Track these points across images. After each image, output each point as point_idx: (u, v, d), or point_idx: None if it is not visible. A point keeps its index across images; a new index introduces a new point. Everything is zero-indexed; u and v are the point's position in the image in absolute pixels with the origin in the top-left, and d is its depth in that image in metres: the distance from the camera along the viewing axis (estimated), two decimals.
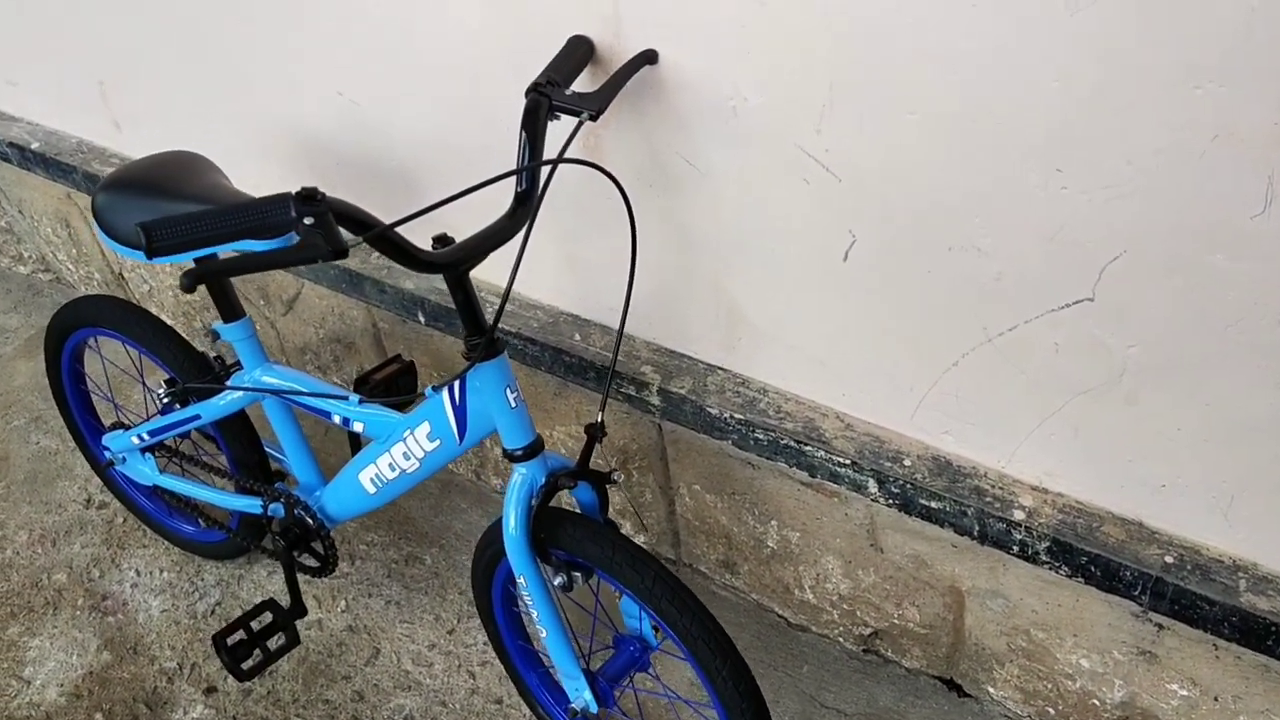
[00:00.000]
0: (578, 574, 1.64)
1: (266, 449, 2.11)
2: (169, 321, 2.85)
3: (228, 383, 1.94)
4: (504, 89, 1.79)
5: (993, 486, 1.68)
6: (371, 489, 1.86)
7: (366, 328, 2.39)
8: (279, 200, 1.27)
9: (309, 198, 1.27)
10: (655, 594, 1.56)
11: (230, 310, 1.88)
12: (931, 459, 1.73)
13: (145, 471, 2.19)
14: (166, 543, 2.43)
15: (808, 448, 1.79)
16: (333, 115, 2.10)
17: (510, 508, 1.62)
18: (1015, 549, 1.66)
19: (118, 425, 2.20)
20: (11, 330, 3.13)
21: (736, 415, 1.85)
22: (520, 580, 1.65)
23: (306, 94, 2.12)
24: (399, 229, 1.33)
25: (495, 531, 1.77)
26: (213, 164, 1.88)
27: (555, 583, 1.64)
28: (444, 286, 1.51)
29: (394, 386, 2.05)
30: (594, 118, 1.51)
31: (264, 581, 2.35)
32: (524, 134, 1.50)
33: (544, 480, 1.62)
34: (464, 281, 1.52)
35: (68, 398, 2.33)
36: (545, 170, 1.50)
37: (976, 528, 1.68)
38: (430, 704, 2.09)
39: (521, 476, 1.62)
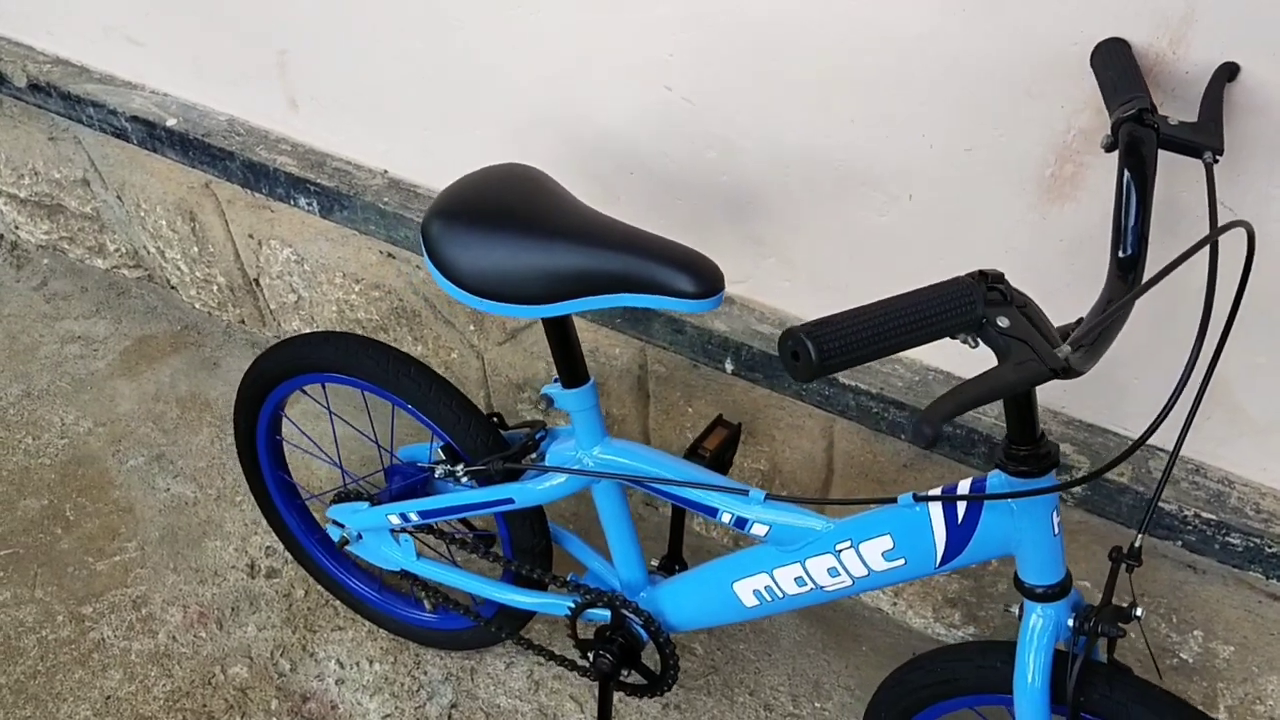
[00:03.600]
0: None
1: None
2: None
3: (556, 463, 1.51)
4: (953, 113, 1.41)
5: None
6: (752, 602, 1.46)
7: (630, 368, 1.96)
8: (957, 292, 0.87)
9: (995, 285, 0.88)
10: None
11: (574, 372, 1.44)
12: None
13: (392, 555, 1.74)
14: (369, 624, 1.98)
15: None
16: (646, 114, 1.67)
17: (1030, 655, 1.24)
18: None
19: (348, 495, 1.74)
20: (100, 340, 2.59)
21: (1204, 514, 1.50)
22: None
23: (607, 86, 1.67)
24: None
25: (936, 669, 1.40)
26: (555, 181, 1.43)
27: None
28: (765, 330, 1.11)
29: (722, 457, 1.67)
30: (1216, 158, 1.12)
31: (502, 676, 1.92)
32: (1127, 175, 1.11)
33: (1071, 622, 1.24)
34: None
35: (259, 453, 1.85)
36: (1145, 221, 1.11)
37: None
38: None
39: (1044, 619, 1.24)
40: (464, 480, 1.55)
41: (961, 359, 1.69)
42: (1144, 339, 1.49)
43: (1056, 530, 1.20)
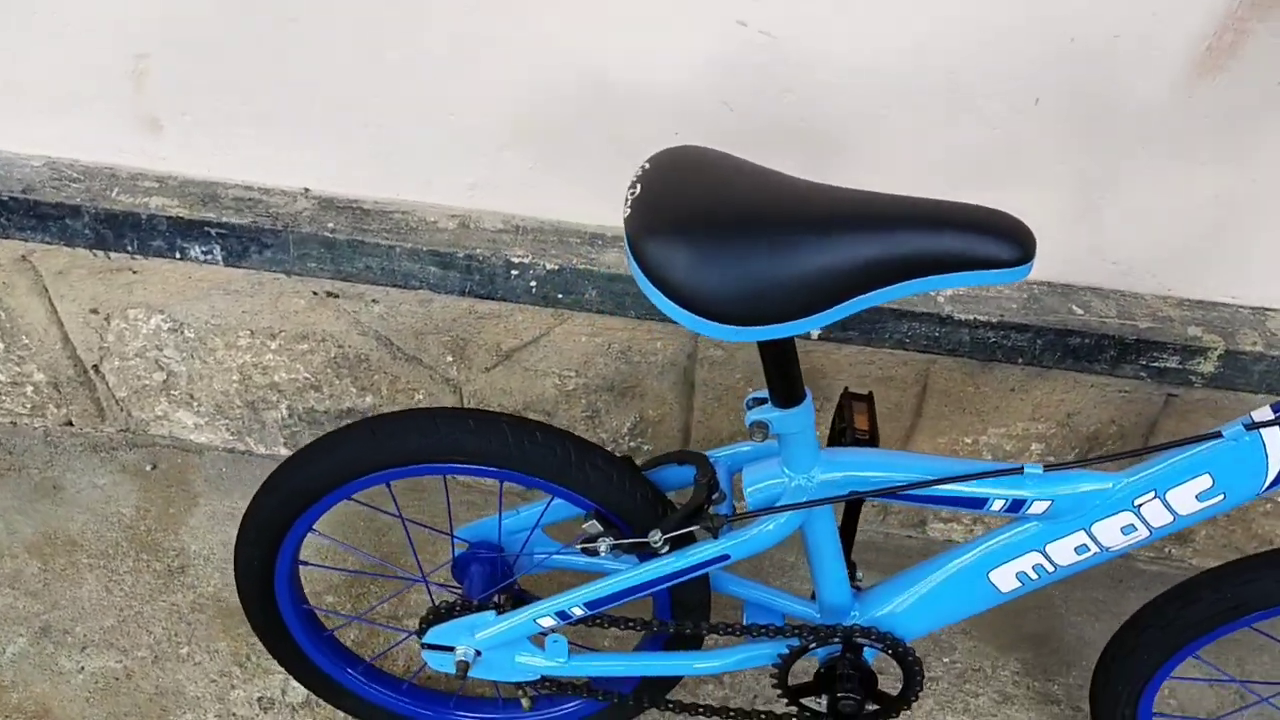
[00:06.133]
0: None
1: None
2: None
3: (766, 497, 1.24)
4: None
5: None
6: (1011, 585, 1.30)
7: (676, 360, 1.67)
8: None
9: None
10: None
11: (790, 390, 1.17)
12: None
13: (531, 664, 1.37)
14: None
15: None
16: (705, 59, 1.39)
17: None
18: None
19: (450, 609, 1.35)
20: None
21: None
22: None
23: (648, 33, 1.37)
24: None
25: (1221, 597, 1.32)
26: (747, 160, 1.13)
27: None
28: None
29: (874, 433, 1.48)
30: None
31: None
32: None
33: None
34: None
35: (277, 588, 1.40)
36: None
37: None
38: None
39: None
40: (662, 550, 1.24)
41: (1066, 265, 1.59)
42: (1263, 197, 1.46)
43: None
